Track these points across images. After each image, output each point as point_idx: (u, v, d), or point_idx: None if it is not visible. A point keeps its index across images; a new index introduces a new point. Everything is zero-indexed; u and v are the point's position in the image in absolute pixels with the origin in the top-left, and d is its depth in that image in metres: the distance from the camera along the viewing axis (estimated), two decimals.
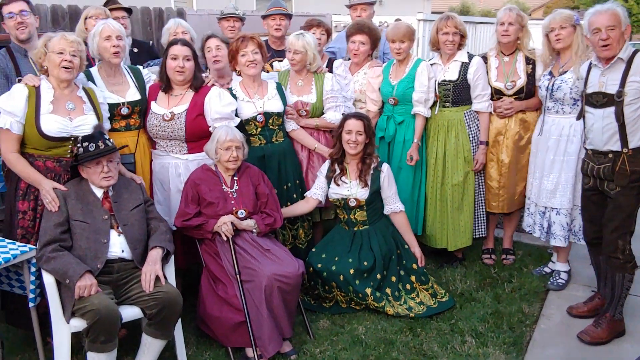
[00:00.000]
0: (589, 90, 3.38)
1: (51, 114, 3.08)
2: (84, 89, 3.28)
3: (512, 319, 3.68)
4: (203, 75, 3.78)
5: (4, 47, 3.60)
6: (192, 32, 4.29)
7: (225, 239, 3.31)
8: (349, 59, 4.65)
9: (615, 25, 3.19)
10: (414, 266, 3.89)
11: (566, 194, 3.92)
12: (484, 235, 4.53)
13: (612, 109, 3.23)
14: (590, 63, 3.44)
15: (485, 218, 4.49)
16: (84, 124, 3.15)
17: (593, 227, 3.54)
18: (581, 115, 3.53)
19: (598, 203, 3.46)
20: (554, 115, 3.93)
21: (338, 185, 3.87)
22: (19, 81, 3.19)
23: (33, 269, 2.97)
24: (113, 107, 3.45)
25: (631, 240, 3.37)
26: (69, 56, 3.08)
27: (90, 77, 3.48)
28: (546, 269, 4.33)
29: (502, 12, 4.17)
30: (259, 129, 3.88)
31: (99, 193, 3.11)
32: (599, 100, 3.30)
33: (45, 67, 3.15)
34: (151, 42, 4.13)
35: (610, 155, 3.29)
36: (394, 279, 3.83)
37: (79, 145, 3.05)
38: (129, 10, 4.72)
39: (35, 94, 3.08)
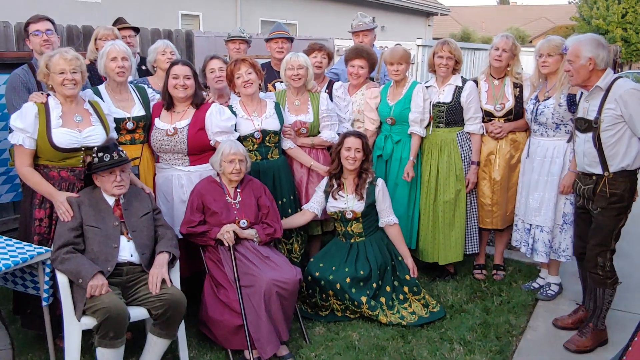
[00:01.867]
0: (577, 116, 3.57)
1: (61, 127, 3.26)
2: (89, 102, 3.48)
3: (499, 330, 3.84)
4: (203, 93, 4.00)
5: (25, 64, 3.83)
6: (177, 54, 4.44)
7: (227, 245, 3.51)
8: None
9: (572, 59, 3.40)
10: (407, 277, 4.06)
11: (548, 212, 4.10)
12: (476, 252, 4.71)
13: (591, 134, 3.42)
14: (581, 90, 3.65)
15: (477, 235, 4.68)
16: (93, 134, 3.34)
17: (581, 242, 3.71)
18: (571, 138, 3.74)
19: (587, 220, 3.63)
20: (539, 138, 4.15)
21: (335, 199, 4.08)
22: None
23: (47, 270, 3.15)
24: (119, 122, 3.66)
25: (612, 258, 3.53)
26: (69, 75, 3.25)
27: (98, 94, 3.69)
28: (534, 284, 4.50)
29: (498, 38, 4.40)
30: (256, 146, 4.07)
31: (111, 201, 3.31)
32: (581, 125, 3.50)
33: (51, 85, 3.32)
34: None
35: (594, 178, 3.47)
36: (388, 288, 4.01)
37: (94, 155, 3.25)
38: (136, 30, 4.99)
39: (44, 110, 3.26)
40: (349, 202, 4.05)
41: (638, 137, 3.33)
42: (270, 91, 4.67)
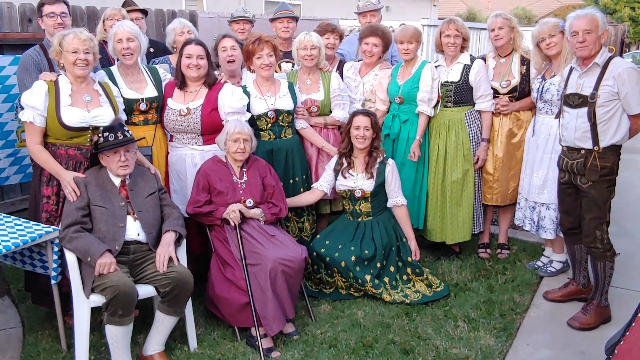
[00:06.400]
0: (568, 92, 3.61)
1: (70, 106, 3.30)
2: (99, 83, 3.50)
3: (503, 307, 3.87)
4: (215, 73, 4.00)
5: (36, 44, 3.82)
6: (195, 32, 4.45)
7: (233, 225, 3.54)
8: (359, 61, 4.86)
9: (591, 29, 3.39)
10: (409, 259, 4.09)
11: (554, 189, 4.09)
12: (481, 230, 4.73)
13: (585, 110, 3.46)
14: (571, 67, 3.66)
15: (483, 214, 4.70)
16: (101, 114, 3.37)
17: (569, 217, 3.78)
18: (559, 114, 3.76)
19: (573, 195, 3.69)
20: (544, 116, 4.14)
21: (345, 177, 4.08)
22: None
23: (56, 249, 3.19)
24: (132, 103, 3.67)
25: (608, 230, 3.59)
26: (82, 55, 3.28)
27: (110, 75, 3.70)
28: (539, 263, 4.51)
29: (490, 20, 4.41)
30: (269, 125, 4.09)
31: (117, 181, 3.34)
32: (574, 100, 3.53)
33: (62, 64, 3.35)
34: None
35: (583, 152, 3.52)
36: (392, 269, 4.04)
37: (99, 135, 3.28)
38: (144, 12, 4.96)
39: (54, 89, 3.29)
40: (358, 181, 4.06)
41: (630, 114, 3.41)
42: (276, 72, 4.65)
